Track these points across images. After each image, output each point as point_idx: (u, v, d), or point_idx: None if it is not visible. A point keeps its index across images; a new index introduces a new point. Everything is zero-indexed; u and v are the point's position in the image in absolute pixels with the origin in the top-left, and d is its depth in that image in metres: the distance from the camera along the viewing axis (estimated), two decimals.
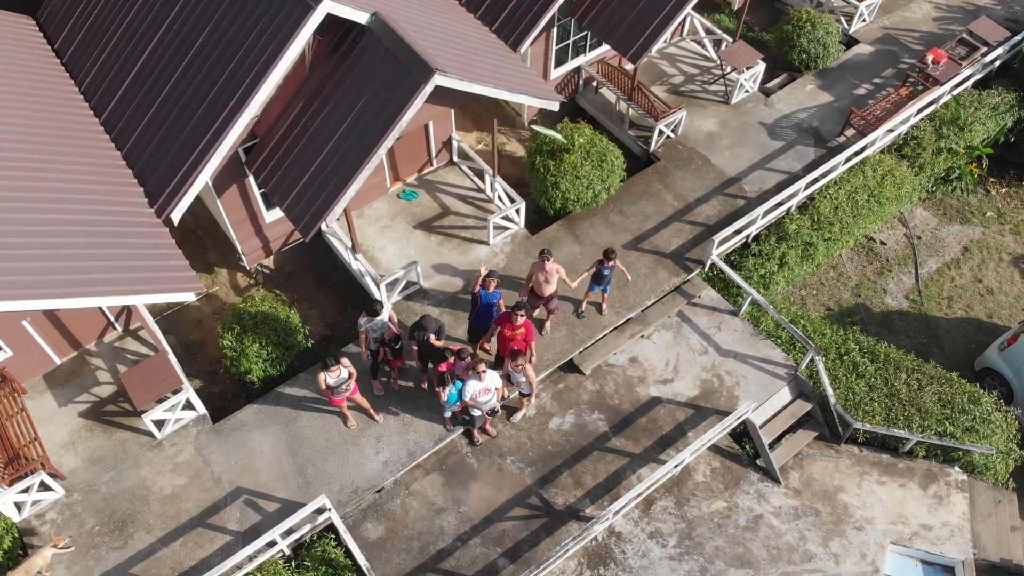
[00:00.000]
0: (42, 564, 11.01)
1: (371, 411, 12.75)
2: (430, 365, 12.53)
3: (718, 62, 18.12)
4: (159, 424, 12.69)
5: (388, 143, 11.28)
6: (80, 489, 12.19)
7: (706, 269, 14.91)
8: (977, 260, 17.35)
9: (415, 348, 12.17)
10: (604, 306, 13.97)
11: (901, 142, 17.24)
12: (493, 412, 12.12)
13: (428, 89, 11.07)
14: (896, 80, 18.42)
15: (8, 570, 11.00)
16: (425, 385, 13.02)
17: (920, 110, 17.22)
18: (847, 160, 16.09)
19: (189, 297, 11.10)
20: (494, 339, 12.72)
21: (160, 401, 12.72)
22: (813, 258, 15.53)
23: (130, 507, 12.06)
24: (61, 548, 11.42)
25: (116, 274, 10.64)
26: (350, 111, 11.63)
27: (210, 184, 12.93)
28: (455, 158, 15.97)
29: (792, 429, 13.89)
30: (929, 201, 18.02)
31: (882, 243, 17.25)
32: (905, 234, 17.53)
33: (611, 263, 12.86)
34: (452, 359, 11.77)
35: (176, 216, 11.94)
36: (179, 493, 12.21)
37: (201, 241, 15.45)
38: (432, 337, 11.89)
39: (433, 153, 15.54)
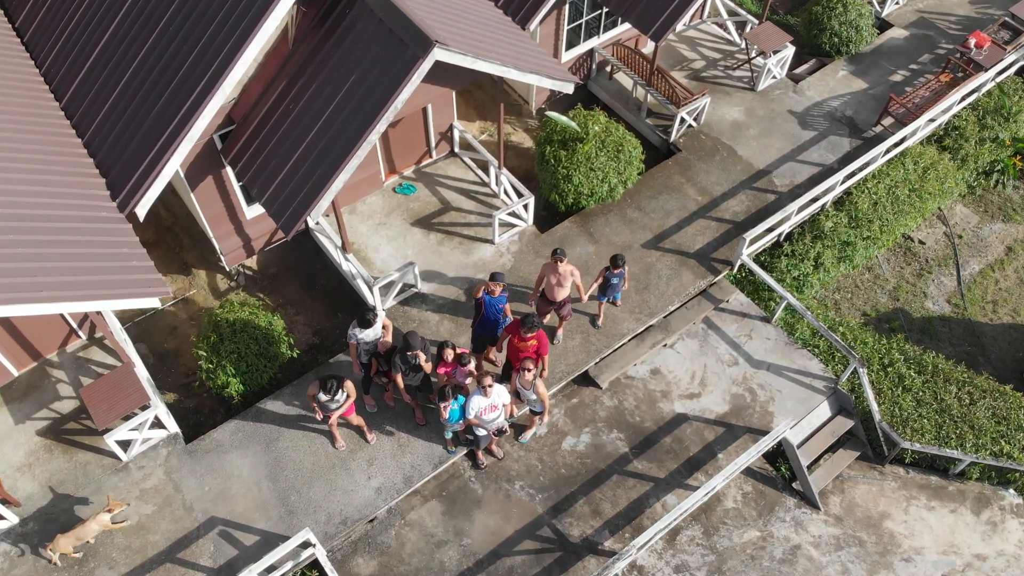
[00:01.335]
0: (96, 530, 10.38)
1: (365, 429, 11.38)
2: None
3: (742, 46, 16.76)
4: (124, 445, 11.32)
5: (381, 127, 9.91)
6: (36, 518, 10.89)
7: (735, 271, 13.53)
8: (1022, 261, 16.02)
9: (400, 376, 10.63)
10: (600, 318, 12.59)
11: (942, 133, 15.89)
12: (500, 432, 10.75)
13: (427, 65, 9.70)
14: (934, 66, 17.06)
15: (59, 534, 10.34)
16: (419, 416, 11.65)
17: (963, 98, 15.84)
18: (887, 151, 14.71)
19: (153, 303, 9.73)
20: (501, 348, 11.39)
21: (127, 419, 11.38)
22: (851, 259, 14.16)
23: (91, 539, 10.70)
24: (117, 517, 10.75)
25: (68, 277, 9.28)
26: (338, 91, 10.26)
27: (182, 175, 11.57)
28: (457, 149, 14.62)
29: (832, 449, 12.53)
30: (969, 197, 16.66)
31: (921, 242, 15.88)
32: (945, 233, 16.15)
33: (619, 270, 11.51)
34: (452, 360, 10.38)
35: (141, 211, 10.58)
36: (146, 523, 10.89)
37: (178, 240, 14.09)
38: (422, 357, 10.45)
39: (432, 143, 14.19)
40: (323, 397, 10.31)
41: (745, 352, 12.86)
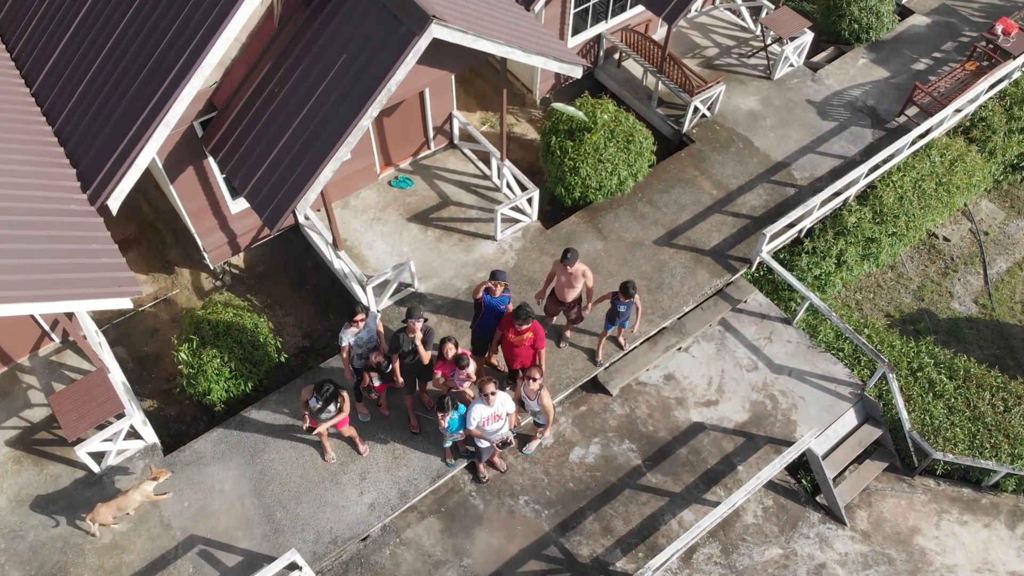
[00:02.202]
0: (140, 499, 9.93)
1: (357, 440, 10.56)
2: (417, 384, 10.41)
3: (757, 32, 15.94)
4: (98, 456, 10.51)
5: (373, 112, 9.09)
6: (4, 534, 10.11)
7: (753, 269, 12.70)
8: None
9: (396, 359, 9.93)
10: (622, 339, 11.69)
11: (968, 124, 15.05)
12: (504, 444, 9.91)
13: (423, 43, 8.87)
14: (957, 54, 16.24)
15: (99, 503, 9.91)
16: (413, 423, 10.84)
17: (991, 87, 15.03)
18: (913, 142, 13.89)
19: (124, 303, 8.90)
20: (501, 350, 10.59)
21: (101, 428, 10.57)
22: (876, 256, 13.33)
23: (62, 558, 9.98)
24: (160, 488, 10.38)
25: (29, 275, 8.46)
26: (327, 73, 9.43)
27: (160, 166, 10.75)
28: (456, 140, 13.79)
29: (857, 460, 11.72)
30: (995, 192, 15.84)
31: (945, 239, 15.05)
32: (970, 229, 15.32)
33: (628, 300, 10.40)
34: (451, 357, 9.58)
35: (114, 204, 9.76)
36: (120, 542, 10.09)
37: (161, 236, 13.28)
38: (419, 336, 9.63)
39: (431, 133, 13.37)
40: (314, 404, 9.50)
41: (765, 356, 12.03)
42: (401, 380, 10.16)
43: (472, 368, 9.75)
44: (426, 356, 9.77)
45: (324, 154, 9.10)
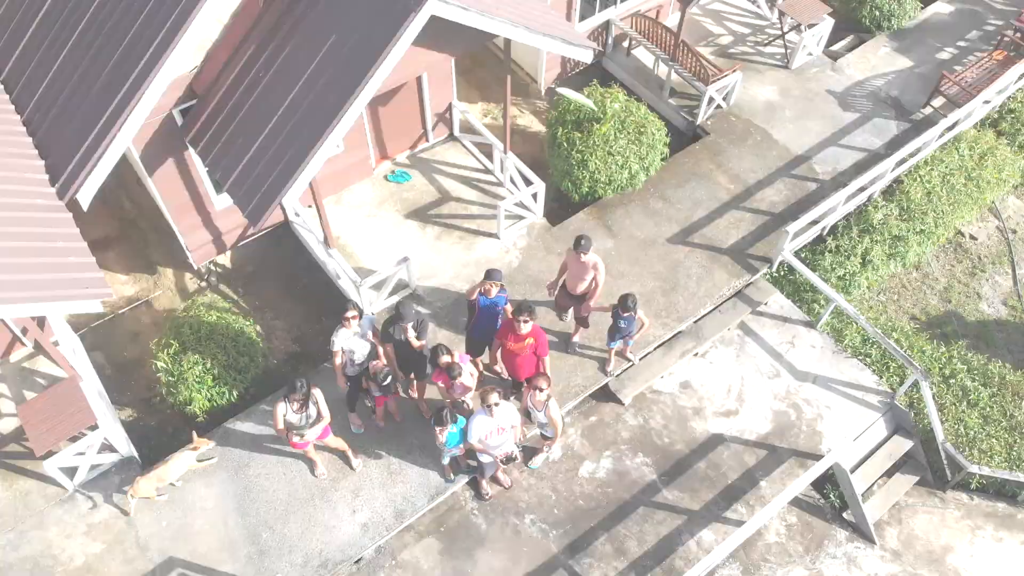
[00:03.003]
0: (180, 470, 9.65)
1: (349, 453, 9.80)
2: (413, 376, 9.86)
3: (774, 19, 15.20)
4: (70, 471, 9.77)
5: (366, 97, 8.33)
6: None
7: (774, 269, 11.93)
8: None
9: (390, 348, 9.31)
10: (629, 353, 10.91)
11: (996, 116, 14.30)
12: (509, 458, 9.14)
13: (421, 19, 8.10)
14: (983, 43, 15.50)
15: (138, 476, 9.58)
16: (419, 398, 10.14)
17: (1020, 77, 14.27)
18: (941, 135, 13.14)
19: (93, 306, 8.14)
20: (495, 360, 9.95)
21: (75, 439, 9.81)
22: (903, 256, 12.56)
23: None
24: (203, 456, 9.88)
25: None
26: (315, 55, 8.66)
27: (138, 158, 9.98)
28: (456, 132, 13.04)
29: (887, 473, 10.97)
30: (1022, 188, 15.08)
31: (972, 238, 14.29)
32: (998, 227, 14.56)
33: (628, 314, 9.57)
34: (443, 366, 8.86)
35: (84, 198, 8.98)
36: (93, 564, 9.35)
37: (143, 235, 12.55)
38: (412, 333, 8.97)
39: (429, 125, 12.63)
40: (293, 416, 8.70)
41: (788, 362, 11.27)
42: (401, 376, 9.60)
43: (464, 378, 9.02)
44: (415, 343, 9.13)
45: (311, 144, 8.34)
